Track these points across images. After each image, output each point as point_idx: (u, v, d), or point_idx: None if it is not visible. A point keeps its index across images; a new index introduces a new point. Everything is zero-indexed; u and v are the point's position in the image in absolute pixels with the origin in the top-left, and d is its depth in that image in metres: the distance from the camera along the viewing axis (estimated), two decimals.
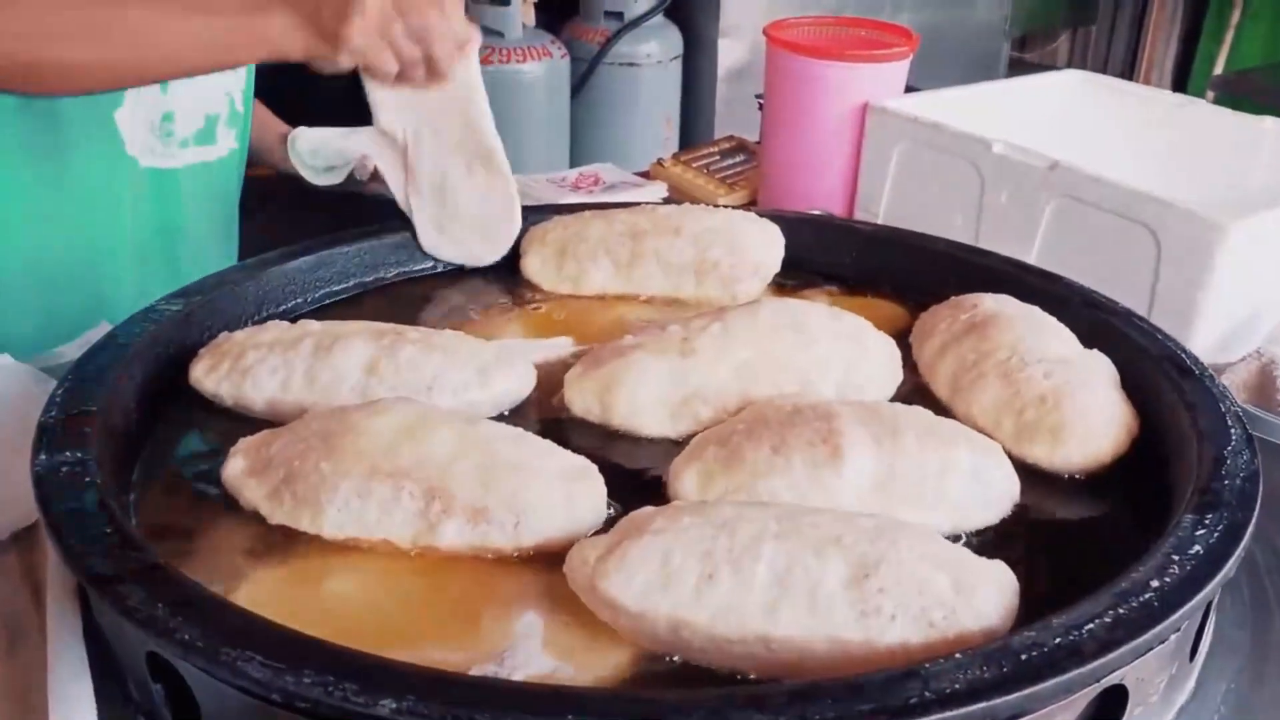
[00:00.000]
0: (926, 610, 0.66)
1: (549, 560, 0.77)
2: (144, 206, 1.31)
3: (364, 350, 0.94)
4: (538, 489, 0.79)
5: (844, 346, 0.97)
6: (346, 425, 0.82)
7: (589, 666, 0.68)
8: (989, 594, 0.68)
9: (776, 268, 1.18)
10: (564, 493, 0.80)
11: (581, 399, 0.95)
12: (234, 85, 1.37)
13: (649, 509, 0.75)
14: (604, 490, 0.82)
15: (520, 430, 0.85)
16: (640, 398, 0.93)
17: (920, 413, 0.87)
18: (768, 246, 1.18)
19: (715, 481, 0.82)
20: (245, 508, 0.82)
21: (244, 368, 0.93)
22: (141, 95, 1.24)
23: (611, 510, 0.82)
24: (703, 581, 0.67)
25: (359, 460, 0.79)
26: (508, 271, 1.21)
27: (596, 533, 0.79)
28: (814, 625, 0.66)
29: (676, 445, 0.89)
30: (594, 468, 0.83)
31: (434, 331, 0.98)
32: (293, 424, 0.86)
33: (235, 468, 0.83)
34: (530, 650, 0.69)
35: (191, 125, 1.33)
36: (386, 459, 0.79)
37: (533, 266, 1.19)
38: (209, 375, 0.94)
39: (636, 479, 0.88)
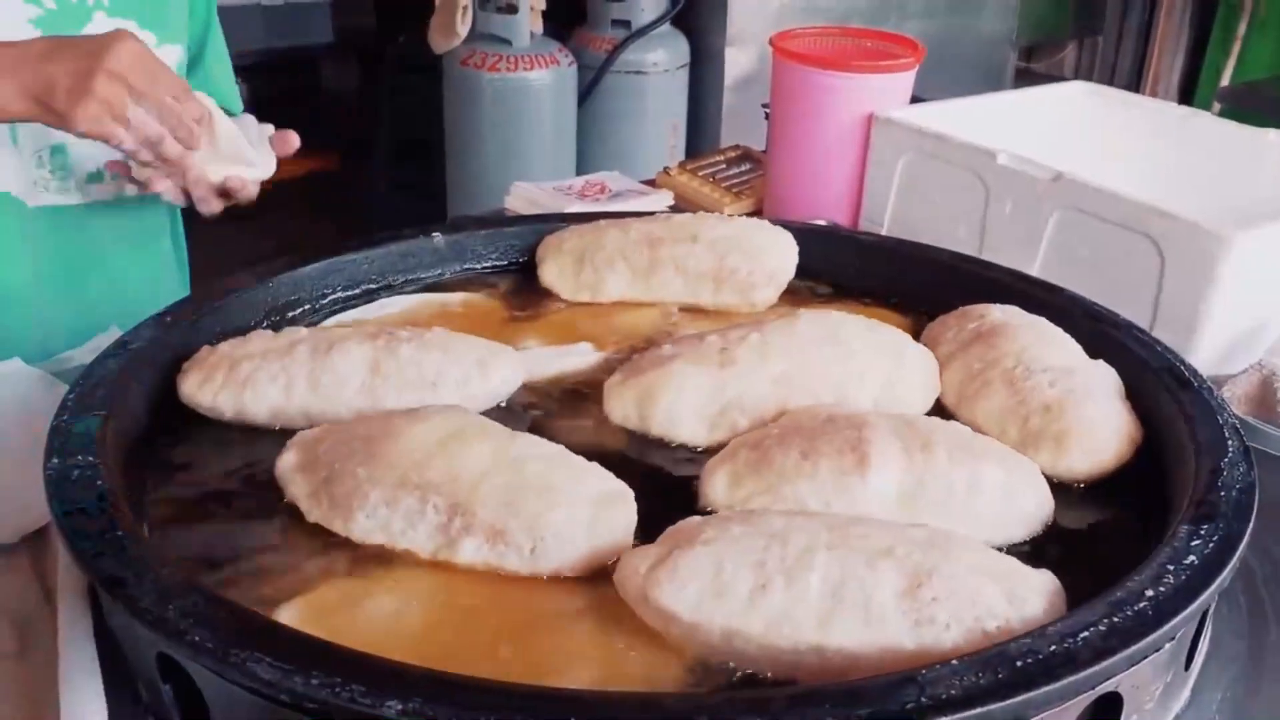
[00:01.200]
0: (980, 620, 0.67)
1: (599, 576, 0.77)
2: (42, 245, 1.29)
3: (363, 351, 0.94)
4: (561, 514, 0.78)
5: (881, 359, 0.98)
6: (389, 430, 0.83)
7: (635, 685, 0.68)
8: (1040, 604, 0.69)
9: (791, 275, 1.19)
10: (588, 518, 0.79)
11: (621, 407, 0.96)
12: None
13: (696, 519, 0.75)
14: (634, 515, 0.81)
15: (560, 449, 0.85)
16: (679, 407, 0.94)
17: (957, 428, 0.88)
18: (783, 254, 1.19)
19: (744, 483, 0.83)
20: (289, 501, 0.83)
21: (241, 378, 0.93)
22: (20, 127, 1.25)
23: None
24: (756, 592, 0.68)
25: (391, 469, 0.80)
26: (526, 280, 1.22)
27: (640, 543, 0.78)
28: (868, 636, 0.67)
29: (710, 453, 0.90)
30: (629, 492, 0.82)
31: (422, 330, 0.99)
32: (347, 423, 0.87)
33: (288, 461, 0.84)
34: (578, 673, 0.69)
35: (98, 159, 1.32)
36: (417, 470, 0.80)
37: (550, 275, 1.20)
38: (202, 389, 0.93)
39: (669, 485, 0.89)
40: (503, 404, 0.99)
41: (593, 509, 0.79)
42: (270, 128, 1.30)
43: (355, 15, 4.19)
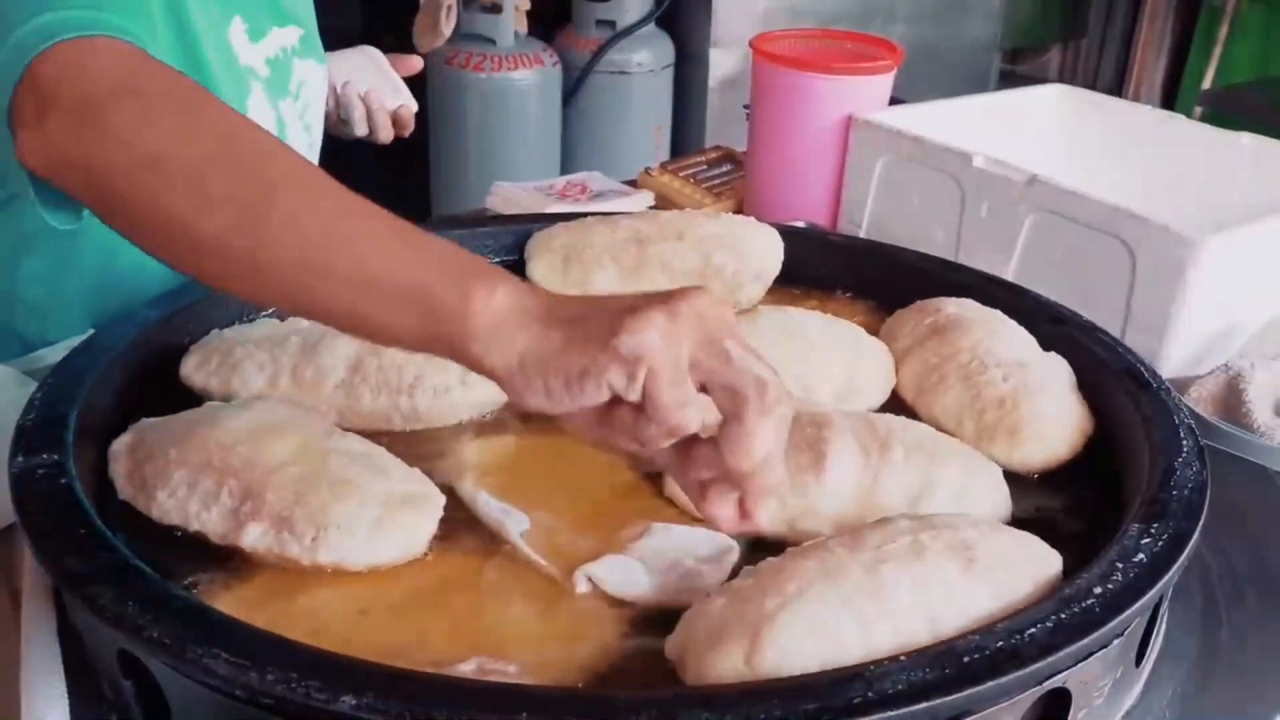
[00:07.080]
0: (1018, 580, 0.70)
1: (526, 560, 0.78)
2: None
3: (349, 349, 0.95)
4: (348, 509, 0.78)
5: (840, 353, 0.99)
6: (212, 418, 0.84)
7: (562, 663, 0.69)
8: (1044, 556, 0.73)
9: (776, 272, 1.19)
10: (377, 515, 0.78)
11: None
12: None
13: (743, 582, 0.70)
14: (433, 521, 0.81)
15: (378, 449, 0.85)
16: None
17: (920, 428, 0.88)
18: (769, 252, 1.19)
19: None
20: (111, 477, 0.84)
21: (233, 363, 0.95)
22: None
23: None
24: (866, 626, 0.66)
25: (199, 452, 0.81)
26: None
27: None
28: (961, 620, 0.67)
29: None
30: (437, 498, 0.82)
31: None
32: (184, 412, 0.88)
33: (121, 443, 0.85)
34: (506, 650, 0.70)
35: None
36: (220, 455, 0.81)
37: (538, 272, 1.19)
38: (198, 371, 0.96)
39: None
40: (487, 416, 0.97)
41: (385, 507, 0.79)
42: None
43: (341, 15, 4.19)
